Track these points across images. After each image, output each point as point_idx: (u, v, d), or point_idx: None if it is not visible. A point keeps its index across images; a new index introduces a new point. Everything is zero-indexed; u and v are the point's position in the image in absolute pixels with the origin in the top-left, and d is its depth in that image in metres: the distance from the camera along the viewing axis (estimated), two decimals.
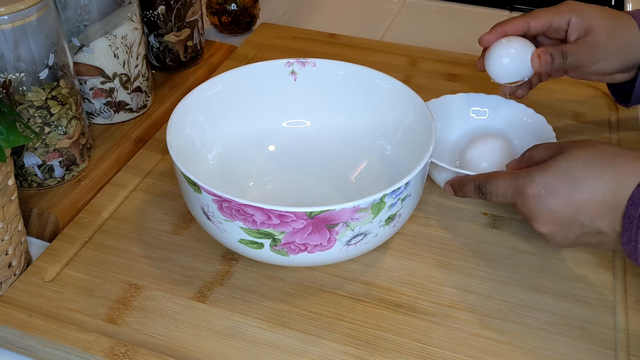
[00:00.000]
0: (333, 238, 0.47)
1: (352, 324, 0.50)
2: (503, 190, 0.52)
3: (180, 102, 0.56)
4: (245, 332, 0.49)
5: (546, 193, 0.49)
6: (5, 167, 0.50)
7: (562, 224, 0.49)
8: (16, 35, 0.53)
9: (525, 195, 0.50)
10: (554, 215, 0.49)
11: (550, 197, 0.48)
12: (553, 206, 0.48)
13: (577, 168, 0.48)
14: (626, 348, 0.49)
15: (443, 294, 0.53)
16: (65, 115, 0.59)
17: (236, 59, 0.83)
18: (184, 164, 0.49)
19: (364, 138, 0.62)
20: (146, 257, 0.56)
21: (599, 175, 0.47)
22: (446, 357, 0.48)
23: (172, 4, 0.74)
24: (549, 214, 0.49)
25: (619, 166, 0.47)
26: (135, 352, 0.48)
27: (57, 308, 0.51)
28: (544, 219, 0.49)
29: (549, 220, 0.49)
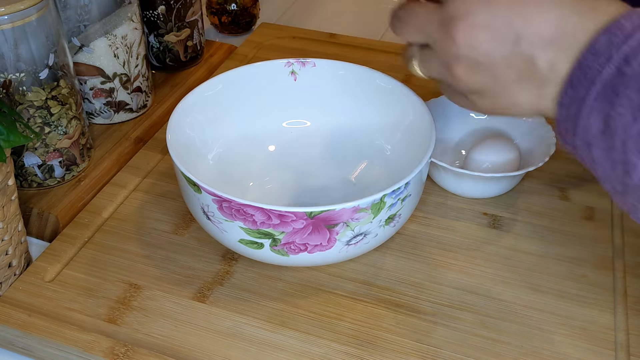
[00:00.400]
0: (333, 238, 0.47)
1: (352, 324, 0.50)
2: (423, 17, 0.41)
3: (180, 102, 0.56)
4: (245, 332, 0.50)
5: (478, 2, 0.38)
6: (5, 167, 0.50)
7: (497, 26, 0.38)
8: (16, 35, 0.53)
9: (448, 15, 0.39)
10: (493, 11, 0.38)
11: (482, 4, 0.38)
12: (489, 9, 0.38)
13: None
14: (626, 348, 0.49)
15: (443, 294, 0.53)
16: (65, 115, 0.59)
17: (236, 59, 0.83)
18: (184, 164, 0.49)
19: (364, 138, 0.62)
20: (146, 257, 0.56)
21: None
22: (446, 357, 0.48)
23: (172, 4, 0.74)
24: (486, 7, 0.38)
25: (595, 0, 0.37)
26: (135, 352, 0.48)
27: (57, 308, 0.51)
28: (477, 14, 0.38)
29: (482, 17, 0.38)
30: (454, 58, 0.40)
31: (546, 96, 0.39)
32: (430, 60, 0.42)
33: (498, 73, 0.39)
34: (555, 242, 0.57)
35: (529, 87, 0.39)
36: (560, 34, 0.37)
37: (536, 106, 0.40)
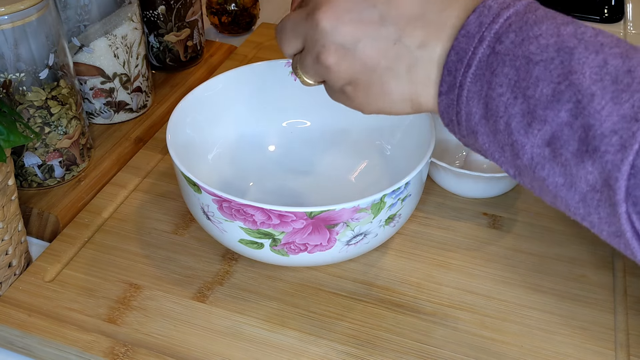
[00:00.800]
0: (333, 238, 0.47)
1: (352, 324, 0.50)
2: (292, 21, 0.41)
3: (180, 102, 0.56)
4: (245, 332, 0.50)
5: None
6: (5, 167, 0.50)
7: (360, 7, 0.38)
8: (16, 35, 0.53)
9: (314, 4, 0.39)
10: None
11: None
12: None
13: None
14: (626, 348, 0.49)
15: (443, 294, 0.53)
16: (65, 115, 0.59)
17: (236, 59, 0.83)
18: (184, 164, 0.49)
19: (364, 138, 0.62)
20: (146, 257, 0.56)
21: None
22: (446, 357, 0.48)
23: (172, 4, 0.74)
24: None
25: None
26: (135, 352, 0.48)
27: (57, 308, 0.51)
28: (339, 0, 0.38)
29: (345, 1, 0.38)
30: (321, 46, 0.39)
31: (419, 80, 0.38)
32: (305, 60, 0.42)
33: (366, 58, 0.38)
34: (555, 242, 0.57)
35: (400, 72, 0.38)
36: (424, 11, 0.37)
37: (409, 96, 0.39)
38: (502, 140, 0.35)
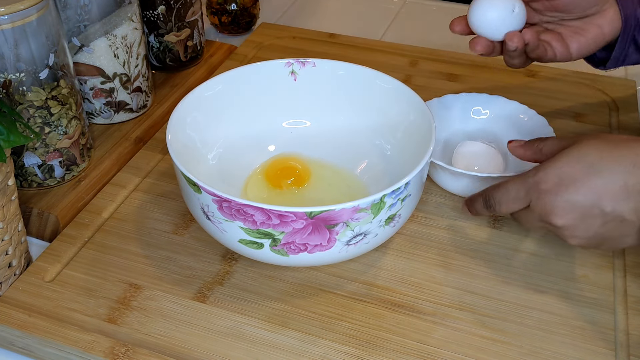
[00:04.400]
0: (333, 238, 0.47)
1: (352, 324, 0.50)
2: (515, 193, 0.50)
3: (180, 102, 0.56)
4: (245, 332, 0.50)
5: (562, 183, 0.47)
6: (5, 167, 0.50)
7: (582, 214, 0.46)
8: (16, 35, 0.53)
9: (540, 191, 0.48)
10: (574, 205, 0.46)
11: (568, 186, 0.47)
12: (572, 195, 0.46)
13: (590, 154, 0.47)
14: (626, 348, 0.49)
15: (443, 294, 0.53)
16: (65, 115, 0.59)
17: (236, 59, 0.83)
18: (184, 164, 0.49)
19: (363, 138, 0.62)
20: (146, 257, 0.56)
21: (615, 159, 0.46)
22: (446, 357, 0.48)
23: (172, 4, 0.74)
24: (567, 204, 0.47)
25: (634, 148, 0.46)
26: (135, 352, 0.48)
27: (57, 308, 0.51)
28: (564, 210, 0.47)
29: (568, 211, 0.47)
30: (559, 230, 0.48)
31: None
32: (529, 218, 0.50)
33: (602, 236, 0.47)
34: (555, 242, 0.57)
35: (633, 234, 0.47)
36: (629, 193, 0.45)
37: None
38: None
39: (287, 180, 0.59)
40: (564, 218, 0.47)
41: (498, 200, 0.51)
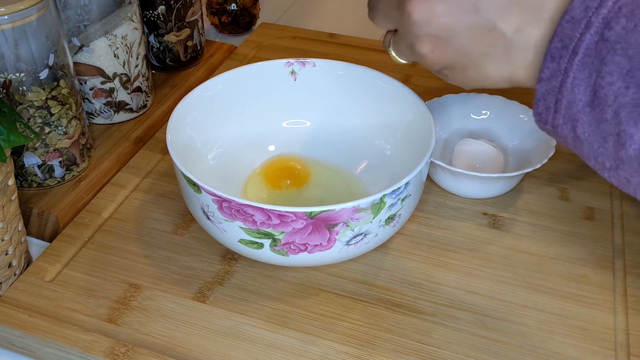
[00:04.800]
0: (333, 238, 0.47)
1: (352, 324, 0.50)
2: None
3: (180, 102, 0.56)
4: (245, 332, 0.50)
5: None
6: (5, 167, 0.50)
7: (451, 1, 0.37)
8: (16, 35, 0.53)
9: None
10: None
11: None
12: None
13: None
14: (626, 348, 0.49)
15: (443, 294, 0.53)
16: (65, 115, 0.59)
17: (236, 59, 0.83)
18: (184, 164, 0.49)
19: (363, 138, 0.62)
20: (146, 257, 0.56)
21: None
22: (446, 357, 0.48)
23: (172, 4, 0.74)
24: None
25: None
26: (135, 352, 0.48)
27: (57, 308, 0.51)
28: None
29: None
30: (415, 37, 0.39)
31: (517, 64, 0.37)
32: (399, 45, 0.42)
33: (462, 46, 0.38)
34: (555, 242, 0.57)
35: (497, 56, 0.37)
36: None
37: (509, 76, 0.38)
38: (607, 129, 0.33)
39: (286, 181, 0.59)
40: (422, 8, 0.38)
41: (371, 5, 0.43)
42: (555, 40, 0.34)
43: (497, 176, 0.58)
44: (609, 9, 0.32)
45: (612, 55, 0.32)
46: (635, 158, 0.32)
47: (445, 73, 0.41)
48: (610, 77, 0.32)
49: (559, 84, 0.34)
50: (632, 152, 0.32)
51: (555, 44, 0.34)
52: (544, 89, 0.35)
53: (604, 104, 0.33)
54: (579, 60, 0.33)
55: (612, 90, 0.32)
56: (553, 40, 0.34)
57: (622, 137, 0.32)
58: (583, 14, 0.33)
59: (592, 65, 0.33)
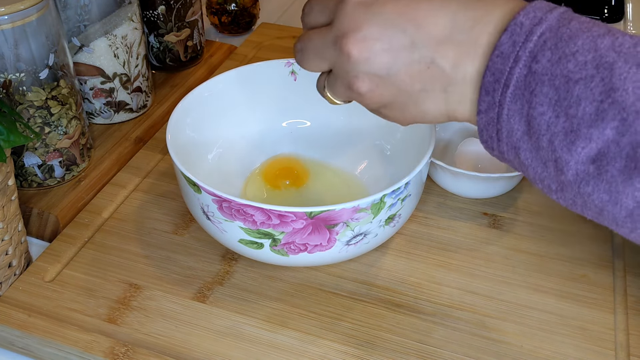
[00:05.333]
0: (333, 238, 0.47)
1: (352, 324, 0.50)
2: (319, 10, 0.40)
3: (180, 102, 0.56)
4: (245, 332, 0.50)
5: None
6: (5, 167, 0.50)
7: (389, 37, 0.37)
8: (16, 35, 0.53)
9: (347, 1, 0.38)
10: (383, 21, 0.37)
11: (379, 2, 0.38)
12: (387, 8, 0.37)
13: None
14: (626, 348, 0.49)
15: (443, 294, 0.53)
16: (65, 115, 0.59)
17: (236, 59, 0.83)
18: (184, 164, 0.49)
19: (363, 138, 0.62)
20: (146, 257, 0.56)
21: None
22: (446, 357, 0.48)
23: (172, 4, 0.74)
24: (375, 18, 0.37)
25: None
26: (135, 352, 0.48)
27: (57, 308, 0.51)
28: (368, 23, 0.37)
29: (373, 29, 0.37)
30: (353, 76, 0.39)
31: (456, 99, 0.38)
32: (335, 85, 0.41)
33: (400, 83, 0.38)
34: (555, 242, 0.57)
35: (436, 92, 0.38)
36: (453, 31, 0.36)
37: (446, 112, 0.39)
38: (545, 156, 0.35)
39: (285, 181, 0.59)
40: (364, 38, 0.37)
41: (299, 48, 0.42)
42: (488, 75, 0.35)
43: (497, 176, 0.58)
44: (534, 43, 0.34)
45: (540, 86, 0.34)
46: (574, 182, 0.34)
47: (383, 112, 0.41)
48: (540, 107, 0.34)
49: (497, 116, 0.36)
50: (571, 177, 0.34)
51: (488, 78, 0.35)
52: (484, 121, 0.37)
53: (538, 133, 0.34)
54: (510, 92, 0.35)
55: (544, 120, 0.34)
56: (486, 75, 0.35)
57: (559, 163, 0.34)
58: (511, 49, 0.34)
59: (523, 97, 0.34)
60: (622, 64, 0.32)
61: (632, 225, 0.33)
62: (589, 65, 0.32)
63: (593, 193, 0.33)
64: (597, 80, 0.32)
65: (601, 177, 0.33)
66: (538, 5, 0.35)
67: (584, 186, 0.34)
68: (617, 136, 0.32)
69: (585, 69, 0.32)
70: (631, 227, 0.34)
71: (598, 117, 0.32)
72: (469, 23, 0.36)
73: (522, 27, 0.34)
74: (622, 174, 0.32)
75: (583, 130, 0.32)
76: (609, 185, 0.33)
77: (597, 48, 0.33)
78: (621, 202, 0.33)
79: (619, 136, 0.32)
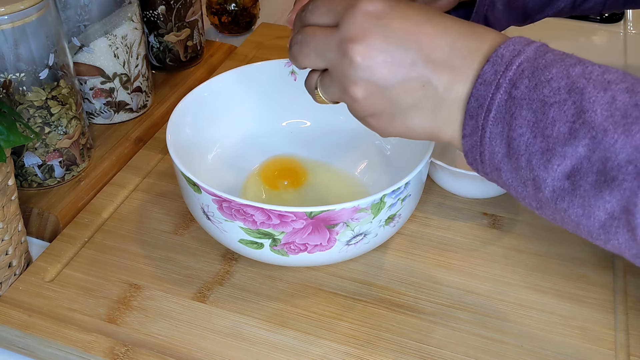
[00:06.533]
0: (333, 238, 0.47)
1: (352, 324, 0.50)
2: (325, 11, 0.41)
3: (180, 102, 0.56)
4: (245, 332, 0.50)
5: (391, 10, 0.39)
6: (5, 167, 0.50)
7: (391, 52, 0.39)
8: (16, 35, 0.53)
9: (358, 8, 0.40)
10: (390, 35, 0.39)
11: (396, 14, 0.39)
12: (395, 24, 0.39)
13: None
14: (626, 348, 0.49)
15: (443, 294, 0.53)
16: (65, 115, 0.59)
17: (236, 59, 0.83)
18: (184, 164, 0.49)
19: (363, 138, 0.62)
20: (146, 257, 0.56)
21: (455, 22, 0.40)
22: (446, 357, 0.48)
23: (172, 4, 0.74)
24: (383, 31, 0.39)
25: (477, 27, 0.40)
26: (135, 352, 0.48)
27: (57, 308, 0.51)
28: (375, 37, 0.39)
29: (379, 40, 0.39)
30: (351, 80, 0.40)
31: (443, 119, 0.40)
32: (330, 86, 0.43)
33: (394, 96, 0.40)
34: (555, 242, 0.57)
35: (425, 110, 0.40)
36: (452, 56, 0.39)
37: (430, 130, 0.41)
38: (525, 175, 0.38)
39: (283, 181, 0.59)
40: (370, 47, 0.39)
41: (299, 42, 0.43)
42: (472, 101, 0.38)
43: None
44: (513, 72, 0.37)
45: (519, 110, 0.37)
46: (551, 199, 0.37)
47: (369, 120, 0.43)
48: (520, 129, 0.37)
49: (479, 139, 0.39)
50: (548, 194, 0.37)
51: (472, 104, 0.38)
52: (469, 144, 0.39)
53: (517, 154, 0.37)
54: (492, 116, 0.38)
55: (522, 141, 0.37)
56: (470, 101, 0.38)
57: (537, 182, 0.37)
58: (493, 77, 0.37)
59: (503, 120, 0.37)
60: (591, 89, 0.35)
61: (605, 237, 0.36)
62: (562, 90, 0.36)
63: (569, 208, 0.36)
64: (570, 103, 0.35)
65: (575, 192, 0.36)
66: (517, 40, 0.39)
67: (560, 202, 0.36)
68: (588, 153, 0.35)
69: (559, 94, 0.36)
70: (604, 239, 0.36)
71: (571, 136, 0.35)
72: (465, 51, 0.39)
73: (502, 58, 0.38)
74: (593, 188, 0.35)
75: (558, 149, 0.35)
76: (582, 199, 0.35)
77: (570, 75, 0.36)
78: (594, 215, 0.35)
79: (590, 152, 0.34)
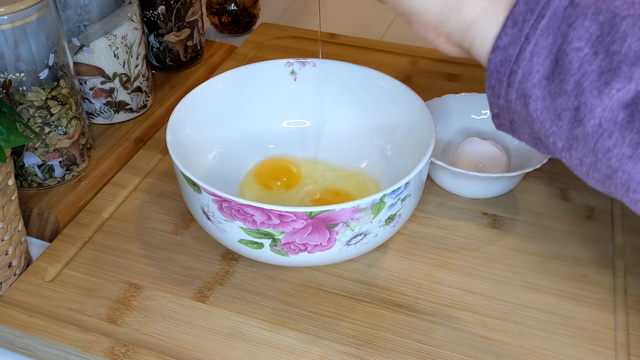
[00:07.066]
0: (333, 238, 0.47)
1: (352, 324, 0.50)
2: None
3: (180, 102, 0.56)
4: (245, 332, 0.50)
5: None
6: (5, 167, 0.50)
7: None
8: (16, 35, 0.53)
9: None
10: None
11: None
12: None
13: None
14: (626, 348, 0.49)
15: (443, 294, 0.53)
16: (65, 115, 0.59)
17: (236, 59, 0.83)
18: (184, 164, 0.49)
19: (363, 138, 0.62)
20: (146, 257, 0.56)
21: None
22: (446, 357, 0.48)
23: (172, 4, 0.74)
24: None
25: None
26: (135, 352, 0.48)
27: (57, 308, 0.51)
28: None
29: None
30: None
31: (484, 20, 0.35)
32: None
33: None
34: (555, 242, 0.57)
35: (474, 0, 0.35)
36: None
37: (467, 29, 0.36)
38: (564, 104, 0.32)
39: (277, 182, 0.59)
40: None
41: None
42: (521, 4, 0.32)
43: (497, 176, 0.58)
44: None
45: (582, 19, 0.31)
46: (592, 135, 0.31)
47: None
48: (578, 42, 0.31)
49: (517, 52, 0.33)
50: (590, 129, 0.31)
51: (519, 7, 0.32)
52: (499, 60, 0.34)
53: (565, 73, 0.31)
54: (544, 24, 0.32)
55: (577, 57, 0.31)
56: (518, 4, 0.32)
57: (580, 112, 0.31)
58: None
59: (558, 30, 0.31)
60: None
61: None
62: (638, 5, 0.30)
63: (614, 147, 0.30)
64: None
65: (631, 125, 0.30)
66: None
67: (605, 139, 0.31)
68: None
69: (633, 8, 0.30)
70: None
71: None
72: None
73: None
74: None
75: (624, 69, 0.30)
76: (638, 136, 0.29)
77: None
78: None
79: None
